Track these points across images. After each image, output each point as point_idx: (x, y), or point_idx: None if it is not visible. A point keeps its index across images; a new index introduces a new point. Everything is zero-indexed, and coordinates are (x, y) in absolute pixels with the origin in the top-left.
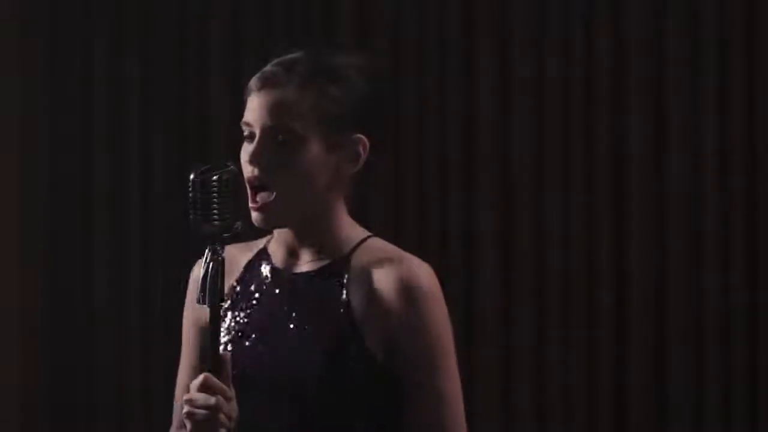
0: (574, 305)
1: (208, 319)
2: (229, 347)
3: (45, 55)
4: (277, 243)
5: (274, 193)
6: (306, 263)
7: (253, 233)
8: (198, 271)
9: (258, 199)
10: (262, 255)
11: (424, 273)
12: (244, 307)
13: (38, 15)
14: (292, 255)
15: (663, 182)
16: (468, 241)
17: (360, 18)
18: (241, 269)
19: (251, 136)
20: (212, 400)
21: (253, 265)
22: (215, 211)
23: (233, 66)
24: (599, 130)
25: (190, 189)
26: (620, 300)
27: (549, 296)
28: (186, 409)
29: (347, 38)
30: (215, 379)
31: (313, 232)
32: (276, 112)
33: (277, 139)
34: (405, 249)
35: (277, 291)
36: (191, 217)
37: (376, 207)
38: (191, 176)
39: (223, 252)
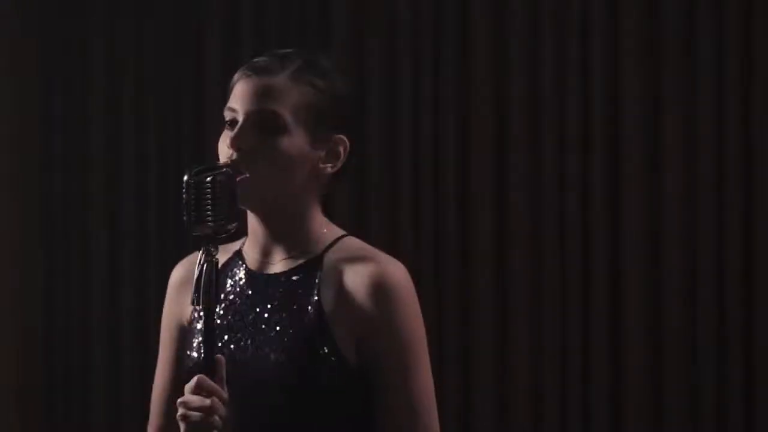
0: (570, 306)
1: (189, 320)
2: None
3: (42, 54)
4: (251, 244)
5: (251, 176)
6: (279, 263)
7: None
8: (177, 273)
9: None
10: (237, 257)
11: (396, 272)
12: (219, 308)
13: (36, 15)
14: (266, 255)
15: (660, 183)
16: (465, 240)
17: (356, 18)
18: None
19: (233, 123)
20: (207, 401)
21: (228, 267)
22: (209, 213)
23: (229, 67)
24: (596, 132)
25: (184, 190)
26: (616, 301)
27: (546, 297)
28: (180, 411)
29: (343, 39)
30: (209, 381)
31: (287, 231)
32: (264, 97)
33: (261, 126)
34: (401, 250)
35: (250, 292)
36: (185, 218)
37: (374, 207)
38: (185, 177)
39: (217, 253)
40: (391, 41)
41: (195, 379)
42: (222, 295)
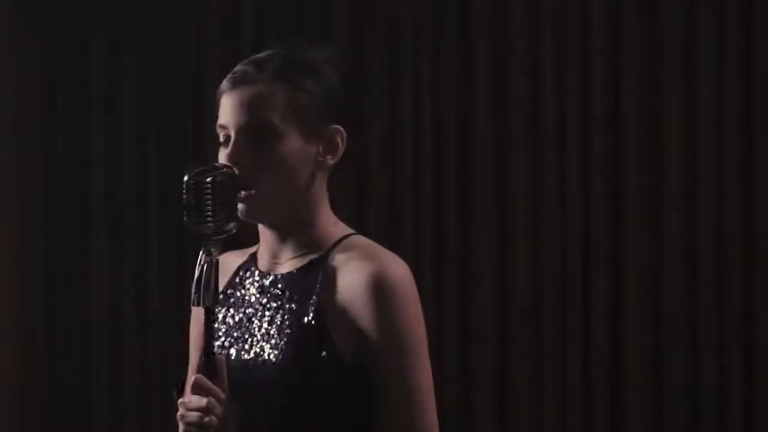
0: (570, 306)
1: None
2: (220, 351)
3: (42, 54)
4: (262, 246)
5: (255, 191)
6: (287, 263)
7: (248, 234)
8: None
9: (241, 194)
10: (251, 259)
11: (396, 270)
12: (233, 310)
13: (35, 15)
14: (275, 256)
15: (660, 182)
16: (465, 241)
17: (356, 18)
18: (231, 274)
19: (227, 140)
20: (204, 401)
21: (242, 270)
22: (209, 213)
23: (229, 67)
24: (596, 132)
25: (185, 191)
26: (616, 301)
27: (546, 297)
28: (179, 411)
29: (342, 39)
30: (207, 381)
31: (295, 230)
32: (250, 107)
33: (254, 137)
34: (401, 250)
35: (259, 293)
36: (186, 218)
37: (374, 207)
38: (185, 178)
39: (217, 253)
40: (391, 41)
41: (193, 378)
42: (239, 295)
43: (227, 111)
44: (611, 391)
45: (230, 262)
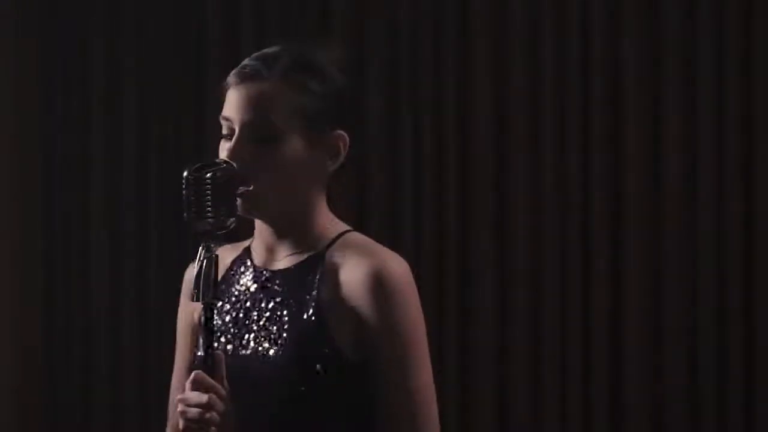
0: (570, 306)
1: (200, 318)
2: (217, 346)
3: (42, 54)
4: (257, 241)
5: (254, 187)
6: (284, 259)
7: (245, 229)
8: (190, 273)
9: (238, 191)
10: (245, 254)
11: (395, 267)
12: (227, 305)
13: (35, 15)
14: (271, 252)
15: (660, 182)
16: (465, 241)
17: (356, 18)
18: (225, 269)
19: (230, 133)
20: (204, 397)
21: (236, 264)
22: (209, 209)
23: (229, 67)
24: (596, 132)
25: (184, 186)
26: (616, 301)
27: (546, 297)
28: (180, 407)
29: (343, 38)
30: (207, 377)
31: (292, 228)
32: (256, 105)
33: (257, 135)
34: (401, 250)
35: (255, 289)
36: (185, 214)
37: (374, 207)
38: (185, 174)
39: (216, 249)
40: (391, 41)
41: (193, 375)
42: (233, 290)
43: (232, 105)
44: (611, 391)
45: (224, 256)
